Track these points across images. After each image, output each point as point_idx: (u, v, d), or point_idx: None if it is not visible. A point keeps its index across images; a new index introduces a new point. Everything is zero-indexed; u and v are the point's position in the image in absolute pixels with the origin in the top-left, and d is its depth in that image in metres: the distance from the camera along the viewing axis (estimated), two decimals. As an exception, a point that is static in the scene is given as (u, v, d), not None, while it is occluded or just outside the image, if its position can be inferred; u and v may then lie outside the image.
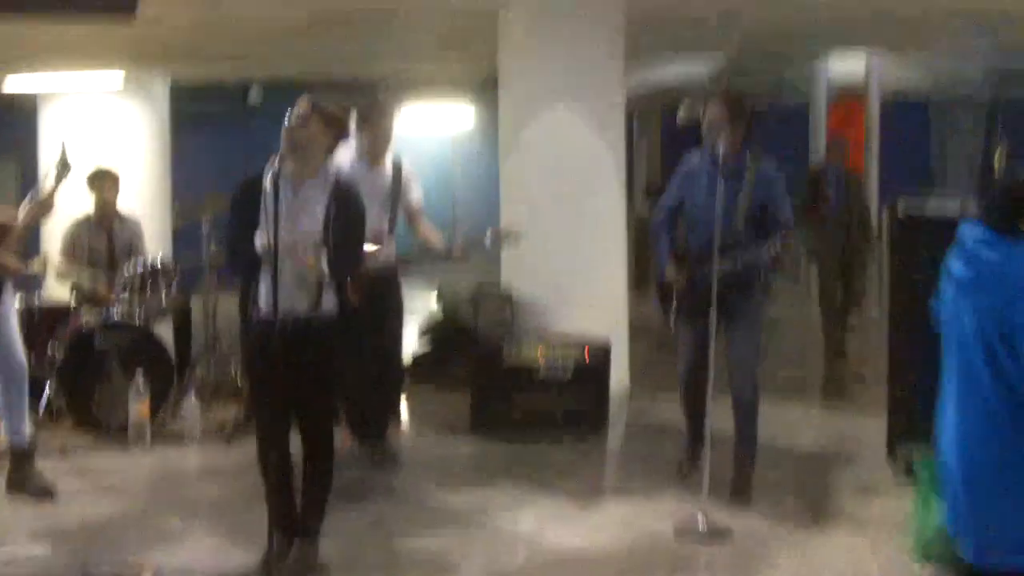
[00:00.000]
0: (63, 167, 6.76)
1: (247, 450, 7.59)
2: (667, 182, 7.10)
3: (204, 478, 7.45)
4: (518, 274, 9.64)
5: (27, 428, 6.97)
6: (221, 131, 20.86)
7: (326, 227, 5.38)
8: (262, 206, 5.34)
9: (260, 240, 5.36)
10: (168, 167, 14.04)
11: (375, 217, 7.09)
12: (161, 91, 13.96)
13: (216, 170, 16.50)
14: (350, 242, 5.54)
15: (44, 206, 6.79)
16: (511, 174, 9.96)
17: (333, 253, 5.38)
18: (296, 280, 5.36)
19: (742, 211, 6.50)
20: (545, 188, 9.56)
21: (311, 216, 5.40)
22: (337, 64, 14.48)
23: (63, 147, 6.77)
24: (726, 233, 6.32)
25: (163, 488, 7.24)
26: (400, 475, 7.39)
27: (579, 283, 9.53)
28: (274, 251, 5.28)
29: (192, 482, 7.42)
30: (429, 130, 21.26)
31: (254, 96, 20.45)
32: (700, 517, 6.13)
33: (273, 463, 5.58)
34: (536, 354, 8.41)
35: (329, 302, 5.45)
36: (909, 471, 6.40)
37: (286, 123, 5.34)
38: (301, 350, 5.39)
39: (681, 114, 19.07)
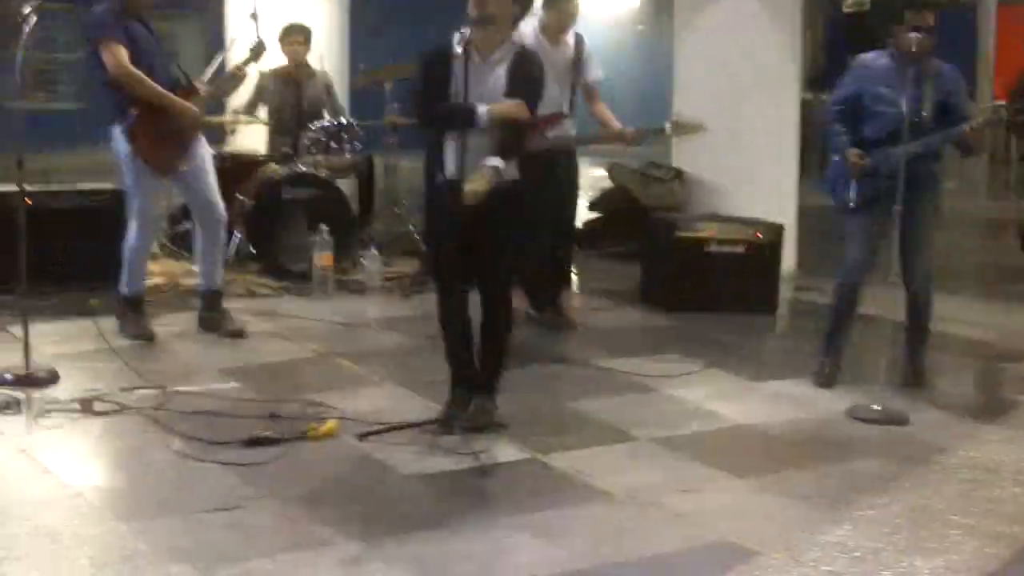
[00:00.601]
0: (258, 48, 7.04)
1: (422, 303, 7.99)
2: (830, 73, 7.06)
3: (384, 328, 7.70)
4: (689, 154, 9.71)
5: (220, 272, 7.29)
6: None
7: (508, 90, 5.51)
8: (452, 73, 5.47)
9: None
10: (347, 32, 14.14)
11: (556, 93, 7.22)
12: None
13: (392, 36, 16.70)
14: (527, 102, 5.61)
15: (236, 79, 7.14)
16: (686, 58, 10.02)
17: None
18: (481, 145, 5.48)
19: (929, 103, 6.45)
20: (720, 73, 9.63)
21: (496, 83, 5.52)
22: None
23: (257, 29, 7.02)
24: (912, 123, 6.33)
25: (344, 335, 7.52)
26: (571, 340, 7.54)
27: (750, 167, 9.58)
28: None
29: (372, 331, 7.67)
30: (597, 12, 21.29)
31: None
32: (875, 400, 6.16)
33: (454, 321, 5.75)
34: (708, 230, 8.46)
35: (510, 167, 5.56)
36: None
37: None
38: (483, 212, 5.49)
39: (849, 2, 18.71)
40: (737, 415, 6.20)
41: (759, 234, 8.51)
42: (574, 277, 8.92)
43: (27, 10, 5.96)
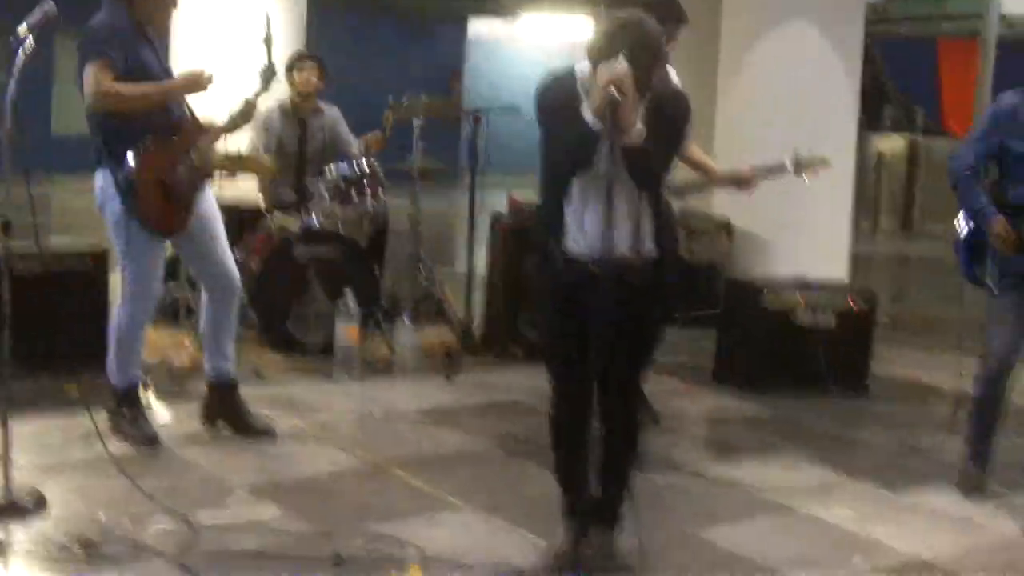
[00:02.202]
0: (268, 73, 5.69)
1: (472, 386, 6.87)
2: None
3: (439, 423, 6.28)
4: (729, 203, 8.48)
5: (233, 356, 5.86)
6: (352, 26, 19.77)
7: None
8: (583, 124, 4.11)
9: (586, 165, 4.19)
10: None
11: None
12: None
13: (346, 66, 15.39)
14: (666, 160, 4.38)
15: (246, 114, 5.71)
16: (732, 93, 8.84)
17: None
18: (625, 216, 4.22)
19: None
20: (768, 111, 8.46)
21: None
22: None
23: (268, 49, 5.68)
24: None
25: (393, 434, 6.08)
26: (662, 437, 6.21)
27: (800, 215, 8.40)
28: (609, 181, 4.09)
29: (426, 428, 6.21)
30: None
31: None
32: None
33: (574, 430, 4.48)
34: (797, 298, 7.23)
35: (649, 241, 4.32)
36: None
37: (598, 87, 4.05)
38: (619, 297, 4.20)
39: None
40: (900, 543, 4.99)
41: (853, 302, 7.30)
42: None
43: (22, 30, 4.55)
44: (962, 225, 5.59)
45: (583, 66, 4.27)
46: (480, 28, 22.59)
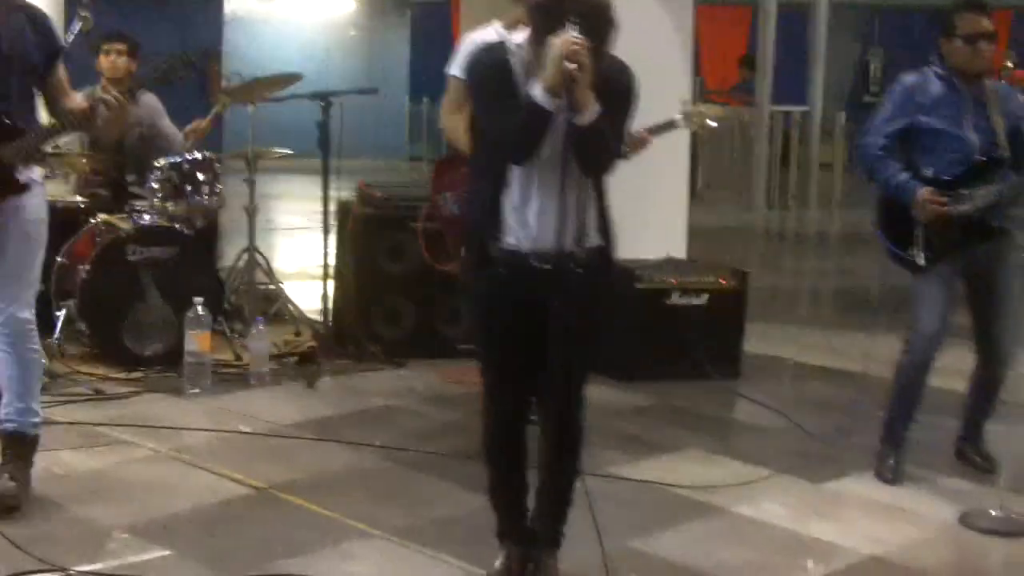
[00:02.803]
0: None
1: (339, 393, 6.32)
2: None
3: (317, 435, 5.63)
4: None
5: (35, 406, 4.70)
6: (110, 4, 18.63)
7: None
8: (528, 103, 3.67)
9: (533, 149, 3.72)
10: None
11: None
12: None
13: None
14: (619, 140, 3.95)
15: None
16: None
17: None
18: (574, 204, 3.75)
19: (1003, 134, 5.12)
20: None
21: None
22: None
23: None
24: (987, 161, 5.10)
25: (270, 453, 5.40)
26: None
27: (634, 192, 8.01)
28: (561, 166, 3.68)
29: (304, 444, 5.55)
30: (308, 14, 19.90)
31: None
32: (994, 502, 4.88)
33: (512, 441, 4.07)
34: (669, 279, 6.89)
35: (595, 231, 3.88)
36: None
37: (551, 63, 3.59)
38: (568, 293, 3.77)
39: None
40: (843, 540, 4.69)
41: (723, 280, 7.00)
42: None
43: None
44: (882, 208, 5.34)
45: (517, 37, 3.80)
46: (236, 6, 21.64)
